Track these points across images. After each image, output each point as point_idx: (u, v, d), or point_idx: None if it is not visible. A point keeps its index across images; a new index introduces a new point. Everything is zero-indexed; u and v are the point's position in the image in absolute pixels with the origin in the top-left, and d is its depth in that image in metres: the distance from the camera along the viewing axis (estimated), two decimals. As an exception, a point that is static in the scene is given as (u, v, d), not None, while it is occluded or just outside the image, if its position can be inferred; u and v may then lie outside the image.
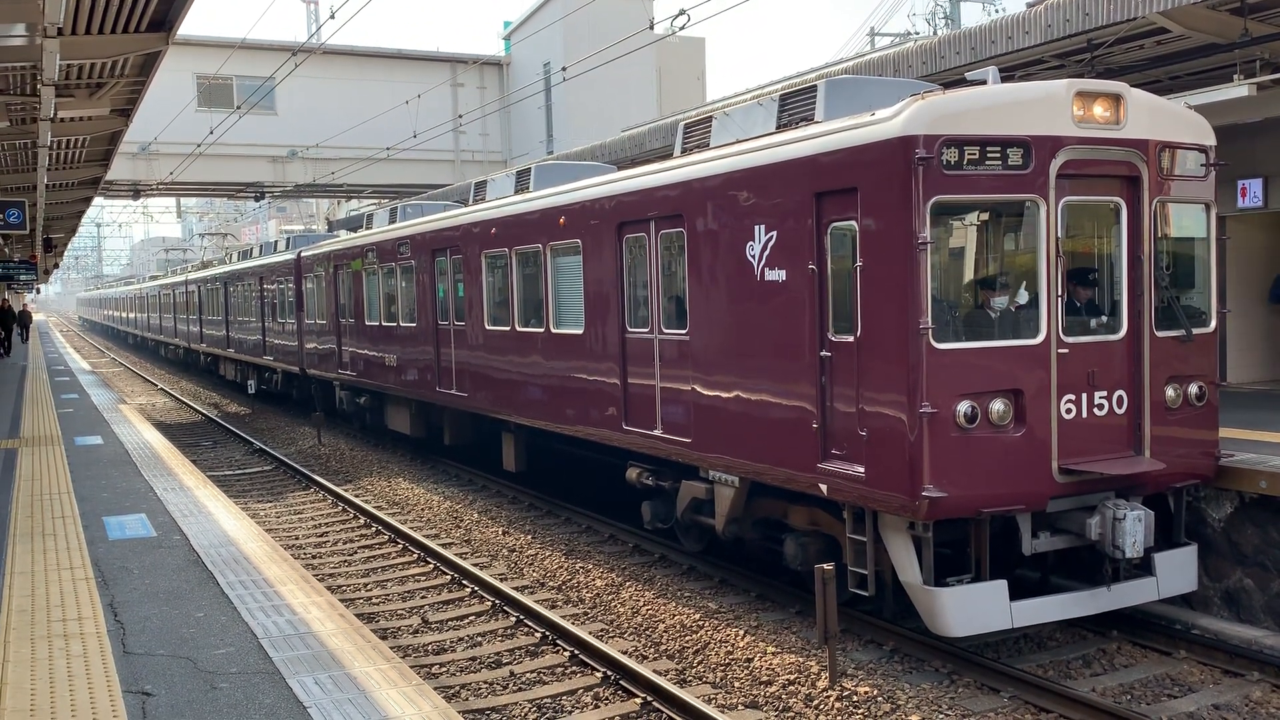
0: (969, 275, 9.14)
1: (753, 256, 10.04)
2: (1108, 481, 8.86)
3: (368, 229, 22.51)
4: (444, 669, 9.84)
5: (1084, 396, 8.84)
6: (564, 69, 24.24)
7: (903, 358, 8.42)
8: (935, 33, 40.04)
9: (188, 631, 7.47)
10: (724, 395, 10.58)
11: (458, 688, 9.32)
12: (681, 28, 17.70)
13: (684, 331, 11.18)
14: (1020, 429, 8.59)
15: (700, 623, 10.61)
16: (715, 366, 10.71)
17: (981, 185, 8.48)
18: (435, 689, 8.79)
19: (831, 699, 8.60)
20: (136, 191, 38.24)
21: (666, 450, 11.69)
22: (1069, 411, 8.76)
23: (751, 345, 10.19)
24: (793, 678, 9.09)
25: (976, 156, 8.37)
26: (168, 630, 7.50)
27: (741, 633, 10.20)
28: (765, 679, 9.19)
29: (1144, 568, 9.32)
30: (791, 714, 8.54)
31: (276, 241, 32.26)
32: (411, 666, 8.57)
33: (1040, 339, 8.66)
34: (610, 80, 35.36)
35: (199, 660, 6.88)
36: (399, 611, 11.72)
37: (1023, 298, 8.82)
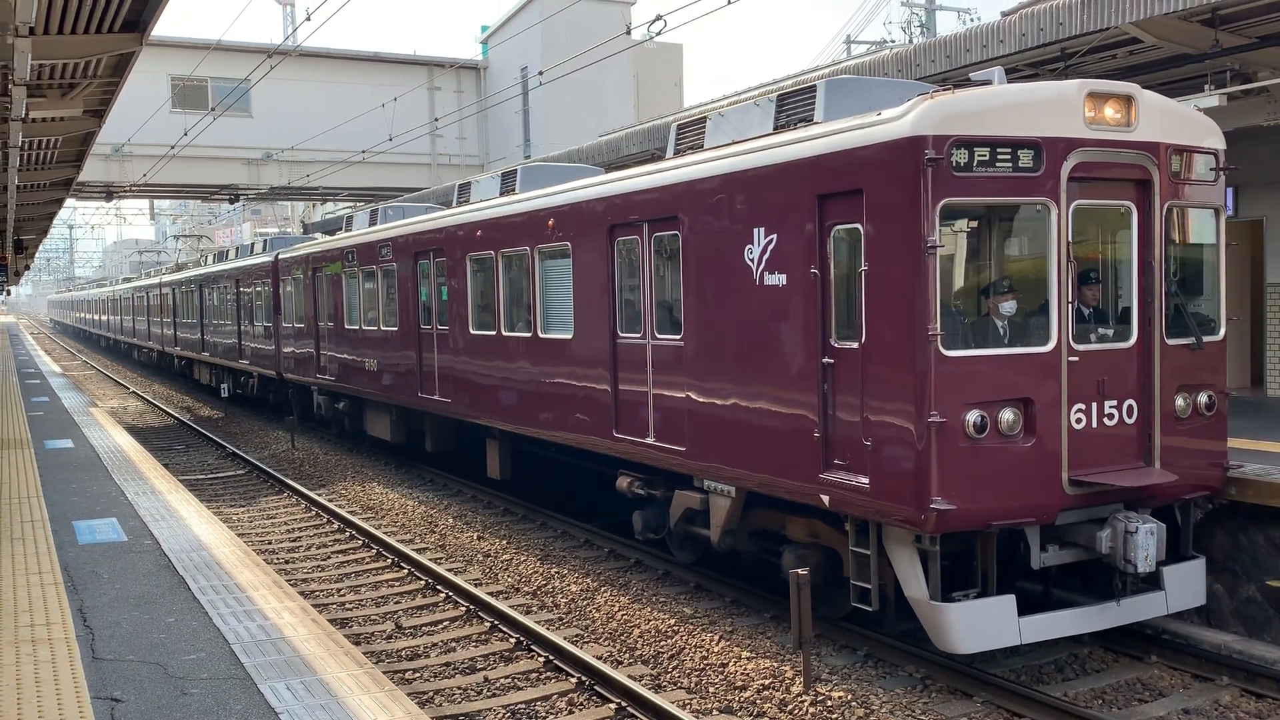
0: (978, 280, 8.91)
1: (751, 260, 9.77)
2: (1118, 493, 8.64)
3: (347, 231, 22.17)
4: (417, 675, 9.71)
5: (1094, 406, 8.61)
6: (541, 73, 23.88)
7: (910, 365, 8.16)
8: (911, 41, 40.07)
9: (158, 637, 7.37)
10: (720, 402, 10.30)
11: (431, 693, 9.19)
12: (659, 33, 17.45)
13: (678, 336, 10.90)
14: (1030, 439, 8.35)
15: (675, 628, 10.47)
16: (711, 373, 10.43)
17: (992, 187, 8.24)
18: (408, 695, 8.68)
19: (806, 704, 8.52)
20: (109, 193, 37.69)
21: (659, 459, 11.40)
22: (1079, 421, 8.53)
23: (749, 351, 9.91)
24: (768, 683, 9.01)
25: (987, 158, 8.13)
26: (138, 635, 7.40)
27: (717, 638, 10.08)
28: (740, 684, 9.10)
29: (1152, 581, 9.12)
30: (766, 719, 8.43)
31: (253, 244, 31.89)
32: (384, 672, 8.51)
33: (1050, 346, 8.42)
34: (588, 85, 35.15)
35: (169, 666, 6.81)
36: (372, 617, 11.53)
37: (1009, 309, 8.56)
